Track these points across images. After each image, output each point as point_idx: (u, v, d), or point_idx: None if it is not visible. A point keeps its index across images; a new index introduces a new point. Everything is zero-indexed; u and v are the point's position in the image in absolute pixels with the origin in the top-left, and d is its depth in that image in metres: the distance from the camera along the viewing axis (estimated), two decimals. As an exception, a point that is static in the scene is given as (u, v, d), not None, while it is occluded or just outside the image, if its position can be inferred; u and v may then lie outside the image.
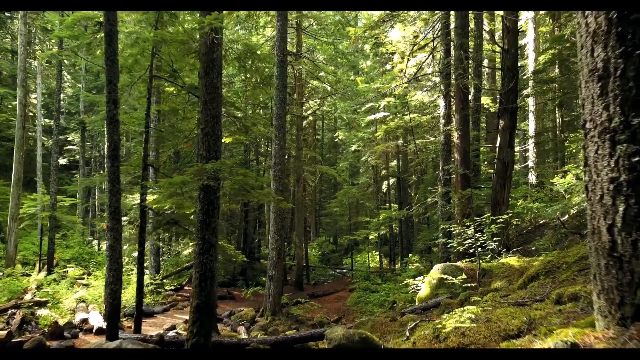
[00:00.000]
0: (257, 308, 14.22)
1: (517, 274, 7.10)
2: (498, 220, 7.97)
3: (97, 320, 10.68)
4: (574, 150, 18.49)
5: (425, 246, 18.26)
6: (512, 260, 7.96)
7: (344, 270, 26.95)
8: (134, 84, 9.33)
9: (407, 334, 3.87)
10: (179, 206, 7.34)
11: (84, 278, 17.23)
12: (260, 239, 26.54)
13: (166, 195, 6.17)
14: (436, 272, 8.07)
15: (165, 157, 19.78)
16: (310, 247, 30.97)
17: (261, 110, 25.69)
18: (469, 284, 7.86)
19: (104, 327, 10.57)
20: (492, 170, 19.12)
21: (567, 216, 15.61)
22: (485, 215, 7.86)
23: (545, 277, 5.08)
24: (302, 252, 20.80)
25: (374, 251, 29.19)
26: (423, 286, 8.44)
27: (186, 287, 17.34)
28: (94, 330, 10.31)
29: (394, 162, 25.35)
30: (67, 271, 17.93)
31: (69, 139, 33.36)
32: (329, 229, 35.57)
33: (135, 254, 19.84)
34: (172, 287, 16.53)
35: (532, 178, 21.09)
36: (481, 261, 7.58)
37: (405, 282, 9.49)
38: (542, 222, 15.93)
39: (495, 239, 8.38)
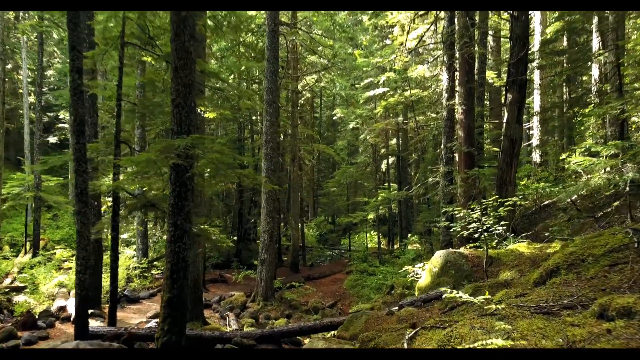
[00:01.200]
0: (249, 292, 13.62)
1: (529, 263, 6.39)
2: (507, 203, 7.23)
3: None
4: (582, 128, 17.67)
5: (425, 228, 17.58)
6: (522, 246, 7.23)
7: (342, 251, 26.43)
8: (106, 52, 8.44)
9: (405, 346, 3.16)
10: (148, 188, 6.58)
11: (71, 260, 16.57)
12: (255, 219, 25.87)
13: (130, 176, 5.37)
14: (438, 259, 7.36)
15: (154, 134, 18.92)
16: (308, 227, 30.39)
17: (256, 86, 24.70)
18: (474, 270, 7.18)
19: (84, 315, 9.96)
20: (496, 149, 18.30)
21: (575, 196, 14.88)
22: (493, 197, 7.11)
23: (568, 271, 4.34)
24: (298, 233, 20.16)
25: (372, 231, 28.61)
26: (423, 274, 7.75)
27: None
28: (72, 319, 9.66)
29: (394, 141, 24.48)
30: (55, 253, 17.28)
31: (59, 116, 32.34)
32: (326, 208, 34.94)
33: (126, 236, 19.23)
34: (160, 271, 15.88)
35: (535, 157, 20.36)
36: (487, 248, 6.86)
37: (405, 269, 8.80)
38: (547, 202, 15.22)
39: (502, 222, 7.65)
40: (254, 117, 26.00)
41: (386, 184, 24.32)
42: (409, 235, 23.42)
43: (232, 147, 24.90)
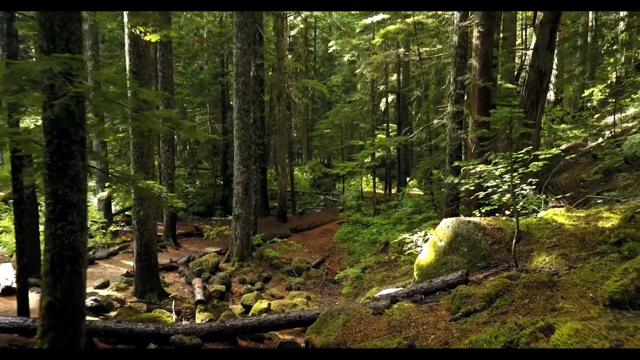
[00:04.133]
0: (224, 249, 12.03)
1: (575, 242, 4.56)
2: (542, 156, 5.28)
3: (6, 276, 8.42)
4: (612, 60, 15.35)
5: (426, 180, 15.74)
6: (559, 214, 5.38)
7: (336, 196, 24.86)
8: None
9: None
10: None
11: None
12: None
13: None
14: (445, 230, 5.55)
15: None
16: (301, 171, 28.62)
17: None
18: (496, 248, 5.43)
19: (15, 286, 8.35)
20: (510, 85, 16.00)
21: (600, 140, 12.91)
22: (525, 149, 5.15)
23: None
24: (285, 180, 18.37)
25: (368, 175, 26.91)
26: (425, 248, 5.97)
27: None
28: (0, 290, 8.09)
29: (394, 77, 22.00)
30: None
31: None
32: (321, 151, 32.93)
33: (91, 184, 17.36)
34: (123, 224, 14.14)
35: (550, 94, 18.20)
36: (518, 219, 5.00)
37: (402, 237, 7.04)
38: (564, 146, 13.34)
39: (530, 180, 5.76)
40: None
41: (385, 124, 22.18)
42: (408, 180, 21.69)
43: (210, 82, 22.48)
